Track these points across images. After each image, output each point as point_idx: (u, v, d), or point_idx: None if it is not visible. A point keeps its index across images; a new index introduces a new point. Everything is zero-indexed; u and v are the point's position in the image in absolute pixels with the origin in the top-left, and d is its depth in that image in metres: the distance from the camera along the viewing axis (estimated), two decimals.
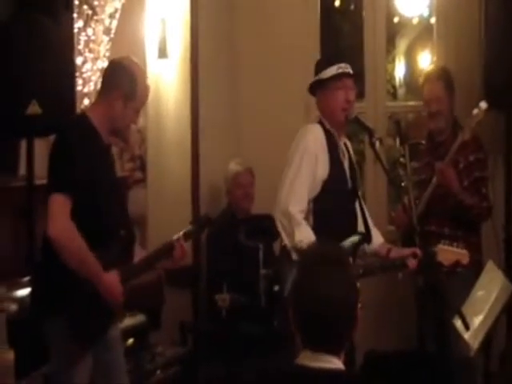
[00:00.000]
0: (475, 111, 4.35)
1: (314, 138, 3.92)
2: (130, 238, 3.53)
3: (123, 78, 3.35)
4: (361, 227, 4.02)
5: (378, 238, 4.12)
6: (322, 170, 3.89)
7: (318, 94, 4.06)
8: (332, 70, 3.96)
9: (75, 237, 3.15)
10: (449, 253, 3.83)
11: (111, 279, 3.26)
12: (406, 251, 3.89)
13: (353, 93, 4.00)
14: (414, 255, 3.82)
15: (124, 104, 3.34)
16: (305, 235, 3.74)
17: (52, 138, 4.15)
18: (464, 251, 3.84)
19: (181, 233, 3.54)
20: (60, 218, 3.13)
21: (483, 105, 4.32)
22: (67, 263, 3.14)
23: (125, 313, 3.61)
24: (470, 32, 5.03)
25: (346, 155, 4.07)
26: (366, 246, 4.01)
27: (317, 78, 4.03)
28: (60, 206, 3.15)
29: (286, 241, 3.83)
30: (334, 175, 3.92)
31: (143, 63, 5.27)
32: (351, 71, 3.99)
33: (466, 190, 4.47)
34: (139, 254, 3.53)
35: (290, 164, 3.91)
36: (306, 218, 3.86)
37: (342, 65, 3.96)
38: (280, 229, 3.86)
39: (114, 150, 5.07)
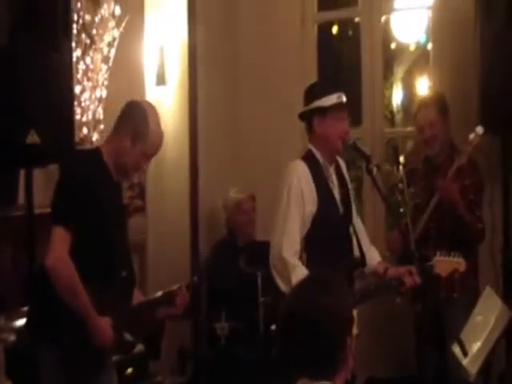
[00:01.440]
0: (471, 136, 4.36)
1: (297, 176, 3.89)
2: (132, 280, 3.52)
3: (135, 116, 3.37)
4: (356, 251, 4.02)
5: (375, 257, 4.11)
6: (310, 205, 3.88)
7: (316, 121, 3.97)
8: (332, 99, 3.91)
9: (69, 269, 3.15)
10: (445, 263, 3.85)
11: (102, 322, 3.23)
12: (402, 269, 3.89)
13: (348, 123, 3.99)
14: (410, 273, 3.82)
15: (132, 142, 3.33)
16: (301, 278, 3.76)
17: (51, 167, 4.19)
18: (460, 259, 3.85)
19: (183, 284, 3.55)
20: (57, 249, 3.15)
21: (479, 130, 4.35)
22: (60, 294, 3.15)
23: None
24: (466, 57, 5.05)
25: (336, 180, 4.04)
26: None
27: (316, 104, 3.94)
28: (59, 238, 3.16)
29: (282, 286, 3.80)
30: (323, 207, 3.91)
31: (142, 90, 5.32)
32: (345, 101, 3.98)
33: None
34: (137, 298, 3.52)
35: (278, 207, 3.91)
36: (300, 256, 3.86)
37: (341, 94, 3.94)
38: (275, 274, 3.84)
39: None
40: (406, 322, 4.79)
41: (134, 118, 3.37)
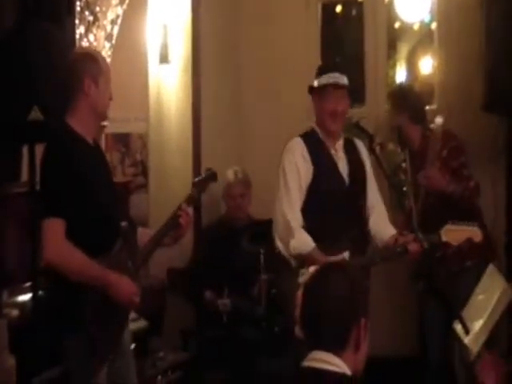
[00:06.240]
0: (433, 126, 4.56)
1: (292, 151, 4.04)
2: (131, 226, 3.53)
3: (85, 65, 3.38)
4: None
5: (389, 231, 4.08)
6: (304, 175, 3.98)
7: (312, 99, 4.12)
8: (322, 80, 4.00)
9: (71, 255, 3.15)
10: (457, 232, 3.80)
11: (123, 279, 3.24)
12: (409, 236, 3.86)
13: (342, 104, 4.00)
14: (415, 240, 3.79)
15: (95, 85, 3.35)
16: (300, 241, 3.88)
17: None
18: (475, 228, 3.79)
19: (183, 199, 3.57)
20: (53, 243, 3.15)
21: (439, 120, 4.49)
22: (74, 280, 3.13)
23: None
24: (471, 37, 5.03)
25: (345, 156, 4.08)
26: (377, 241, 4.06)
27: (313, 84, 4.07)
28: (52, 231, 3.15)
29: (285, 251, 3.93)
30: (321, 177, 3.99)
31: (145, 68, 5.30)
32: (341, 82, 3.99)
33: (452, 182, 4.45)
34: (144, 235, 3.54)
35: (278, 184, 4.04)
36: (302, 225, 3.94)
37: (336, 74, 3.98)
38: (277, 239, 3.97)
39: (117, 155, 5.12)
40: (409, 301, 4.78)
41: (84, 67, 3.38)
